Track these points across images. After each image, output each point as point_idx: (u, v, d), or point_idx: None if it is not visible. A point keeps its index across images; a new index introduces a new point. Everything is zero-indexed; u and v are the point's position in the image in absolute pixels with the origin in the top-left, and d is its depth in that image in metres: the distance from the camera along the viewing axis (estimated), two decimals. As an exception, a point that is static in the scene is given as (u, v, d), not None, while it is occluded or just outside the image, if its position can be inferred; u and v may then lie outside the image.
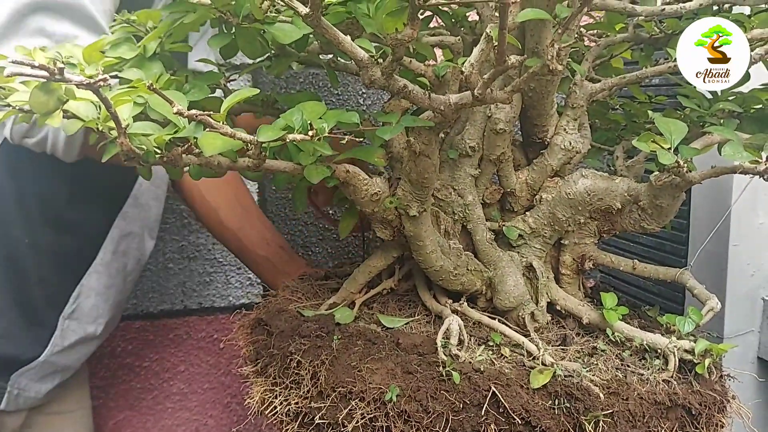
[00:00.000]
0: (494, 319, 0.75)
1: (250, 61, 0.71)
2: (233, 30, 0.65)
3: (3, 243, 0.93)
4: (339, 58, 0.78)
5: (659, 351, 0.70)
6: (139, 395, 1.34)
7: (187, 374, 1.36)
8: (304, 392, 0.67)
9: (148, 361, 1.34)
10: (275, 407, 0.69)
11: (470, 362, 0.67)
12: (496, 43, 0.46)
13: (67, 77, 0.41)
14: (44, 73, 0.41)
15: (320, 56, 0.80)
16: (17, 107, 0.50)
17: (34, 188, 0.94)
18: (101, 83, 0.42)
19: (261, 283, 1.36)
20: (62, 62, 0.43)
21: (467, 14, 0.84)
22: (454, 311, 0.76)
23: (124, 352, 1.32)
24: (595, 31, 0.92)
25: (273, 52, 0.74)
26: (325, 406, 0.64)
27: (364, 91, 1.33)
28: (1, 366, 0.95)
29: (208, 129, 0.51)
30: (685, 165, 0.66)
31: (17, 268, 0.94)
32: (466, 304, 0.77)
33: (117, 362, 1.32)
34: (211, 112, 0.49)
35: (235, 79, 0.76)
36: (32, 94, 0.47)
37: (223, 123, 0.51)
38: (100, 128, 0.52)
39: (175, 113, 0.47)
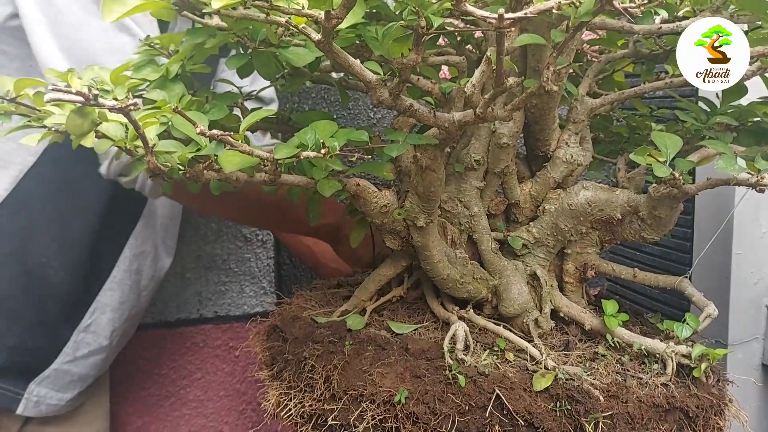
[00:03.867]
0: (499, 325, 0.78)
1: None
2: (250, 51, 0.69)
3: (23, 258, 0.98)
4: (349, 77, 0.81)
5: (658, 356, 0.73)
6: (156, 402, 1.38)
7: (203, 381, 1.40)
8: (317, 395, 0.70)
9: (165, 368, 1.38)
10: (290, 409, 0.72)
11: (476, 366, 0.70)
12: (495, 67, 0.50)
13: (100, 102, 0.45)
14: (80, 98, 0.45)
15: (332, 74, 0.84)
16: (54, 129, 0.54)
17: (59, 209, 1.00)
18: (131, 107, 0.46)
19: (274, 291, 1.40)
20: (96, 88, 0.47)
21: (473, 32, 0.88)
22: (461, 318, 0.79)
23: (142, 360, 1.36)
24: (597, 46, 0.95)
25: (287, 71, 0.78)
26: (337, 408, 0.68)
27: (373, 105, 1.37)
28: (17, 374, 1.00)
29: (228, 147, 0.55)
30: (681, 177, 0.69)
31: (35, 282, 0.99)
32: (472, 311, 0.80)
33: (135, 369, 1.35)
34: (232, 133, 0.53)
35: (252, 98, 0.80)
36: (69, 117, 0.51)
37: (241, 141, 0.55)
38: (128, 146, 0.56)
39: (199, 133, 0.51)
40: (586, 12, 0.48)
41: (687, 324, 0.74)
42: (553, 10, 0.44)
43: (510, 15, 0.43)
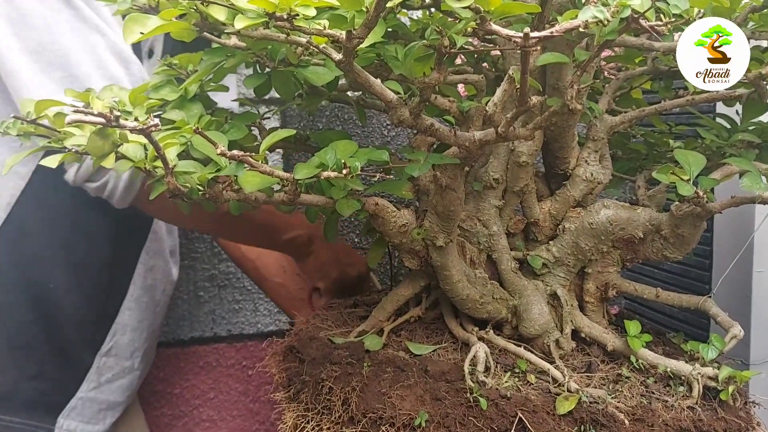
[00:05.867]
0: (520, 346, 0.77)
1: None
2: (267, 70, 0.69)
3: (30, 286, 0.95)
4: (367, 96, 0.81)
5: (683, 378, 0.72)
6: (170, 422, 1.37)
7: (216, 401, 1.39)
8: (335, 418, 0.69)
9: (178, 387, 1.37)
10: (307, 432, 0.71)
11: (497, 389, 0.69)
12: (518, 86, 0.49)
13: (122, 123, 0.45)
14: (102, 119, 0.45)
15: (349, 93, 0.84)
16: (74, 150, 0.54)
17: (62, 232, 0.97)
18: (153, 128, 0.46)
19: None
20: (118, 110, 0.47)
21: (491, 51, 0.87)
22: (481, 339, 0.77)
23: (155, 379, 1.35)
24: (614, 63, 0.94)
25: (304, 90, 0.78)
26: (356, 431, 0.67)
27: (388, 122, 1.37)
28: (44, 409, 0.97)
29: (248, 168, 0.54)
30: (705, 195, 0.68)
31: (47, 310, 0.96)
32: (492, 331, 0.79)
33: (149, 389, 1.35)
34: (252, 154, 0.52)
35: (269, 118, 0.80)
36: (90, 139, 0.51)
37: (261, 162, 0.55)
38: (147, 167, 0.56)
39: (219, 154, 0.50)
40: (611, 30, 0.47)
41: (713, 345, 0.72)
42: (580, 29, 0.43)
43: (535, 34, 0.43)
